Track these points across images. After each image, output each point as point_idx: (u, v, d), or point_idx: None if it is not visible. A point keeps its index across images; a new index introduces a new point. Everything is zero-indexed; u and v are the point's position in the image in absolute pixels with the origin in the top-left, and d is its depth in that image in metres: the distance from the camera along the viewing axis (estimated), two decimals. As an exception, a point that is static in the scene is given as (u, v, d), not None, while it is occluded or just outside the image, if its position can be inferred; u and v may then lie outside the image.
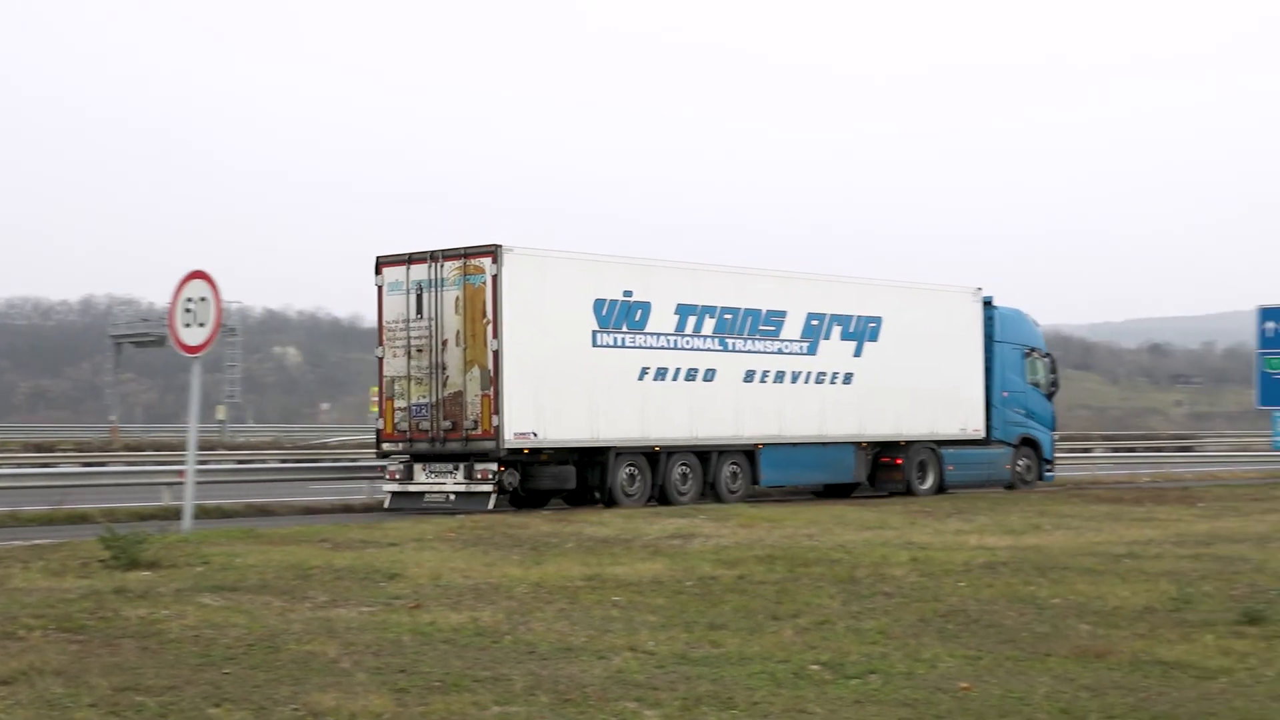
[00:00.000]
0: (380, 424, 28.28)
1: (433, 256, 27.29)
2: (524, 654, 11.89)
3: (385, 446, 28.11)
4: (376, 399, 28.81)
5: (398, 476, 27.62)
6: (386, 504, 28.02)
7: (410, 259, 27.56)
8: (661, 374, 28.73)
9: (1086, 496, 32.44)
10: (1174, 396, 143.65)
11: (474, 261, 26.69)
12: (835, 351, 31.28)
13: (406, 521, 24.23)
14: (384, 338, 28.14)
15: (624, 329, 28.21)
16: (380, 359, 28.26)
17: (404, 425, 27.63)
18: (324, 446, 51.91)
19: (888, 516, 25.98)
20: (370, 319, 32.04)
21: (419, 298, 27.39)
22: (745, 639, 12.59)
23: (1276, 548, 20.67)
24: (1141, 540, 21.72)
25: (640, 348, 28.43)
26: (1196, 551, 20.09)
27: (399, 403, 27.66)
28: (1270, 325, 40.23)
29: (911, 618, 13.91)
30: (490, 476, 26.39)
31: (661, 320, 28.76)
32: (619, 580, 16.47)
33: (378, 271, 28.31)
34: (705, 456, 29.42)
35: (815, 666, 11.37)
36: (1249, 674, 11.27)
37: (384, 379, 28.11)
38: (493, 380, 26.39)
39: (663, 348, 28.79)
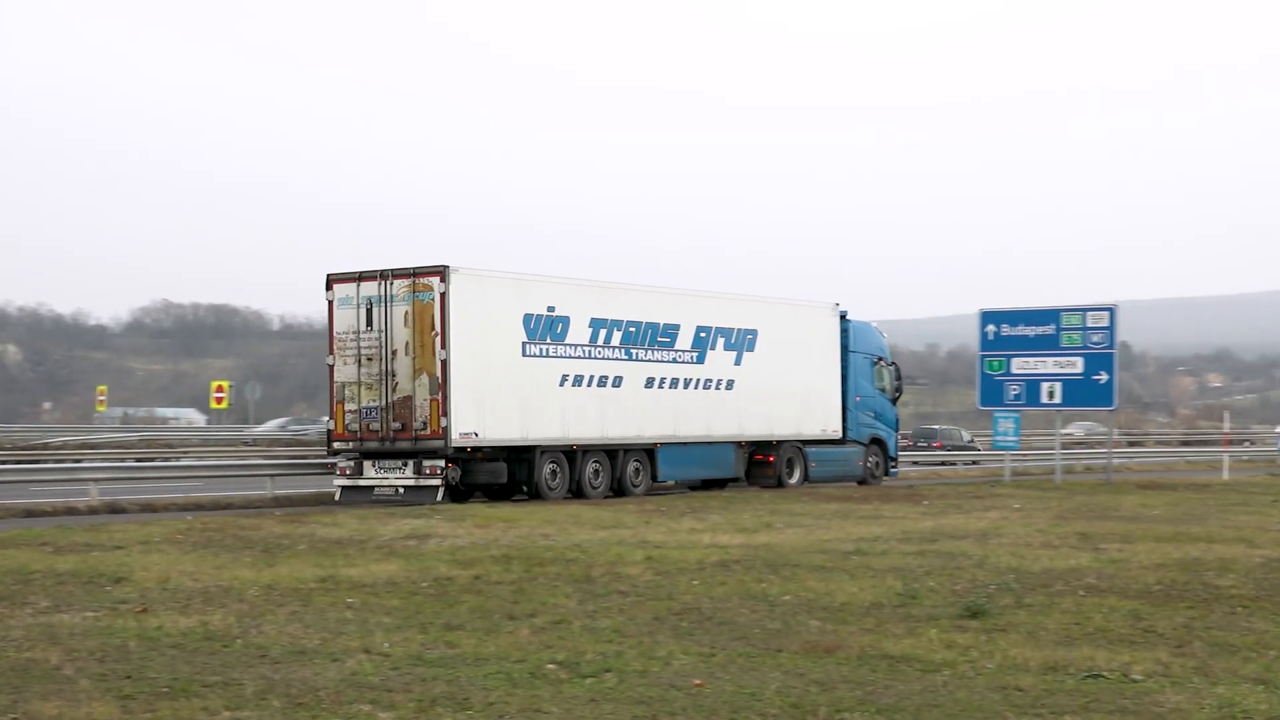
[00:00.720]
0: (331, 425, 30.55)
1: (382, 275, 29.72)
2: (255, 658, 11.66)
3: (336, 445, 30.39)
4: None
5: (348, 472, 30.02)
6: (338, 497, 30.16)
7: (360, 277, 30.01)
8: (578, 381, 31.56)
9: (817, 495, 33.10)
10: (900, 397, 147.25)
11: (423, 280, 29.25)
12: (720, 361, 34.60)
13: (133, 524, 23.61)
14: (334, 347, 30.30)
15: (548, 340, 30.99)
16: (331, 366, 30.37)
17: (354, 426, 29.89)
18: (46, 447, 50.08)
19: (623, 516, 26.14)
20: (100, 319, 31.55)
21: (369, 312, 29.76)
22: (481, 639, 12.54)
23: (997, 544, 21.37)
24: (869, 537, 22.25)
25: (561, 357, 31.25)
26: (921, 548, 20.65)
27: (349, 406, 29.93)
28: (991, 328, 41.51)
29: (646, 616, 14.02)
30: (439, 472, 29.07)
31: (578, 333, 31.61)
32: (353, 582, 16.28)
33: (328, 287, 30.37)
34: (614, 454, 32.38)
35: (551, 666, 11.38)
36: (970, 666, 11.63)
37: (334, 384, 30.28)
38: (441, 386, 28.87)
39: (579, 357, 31.62)
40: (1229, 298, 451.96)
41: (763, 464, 35.96)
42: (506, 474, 30.22)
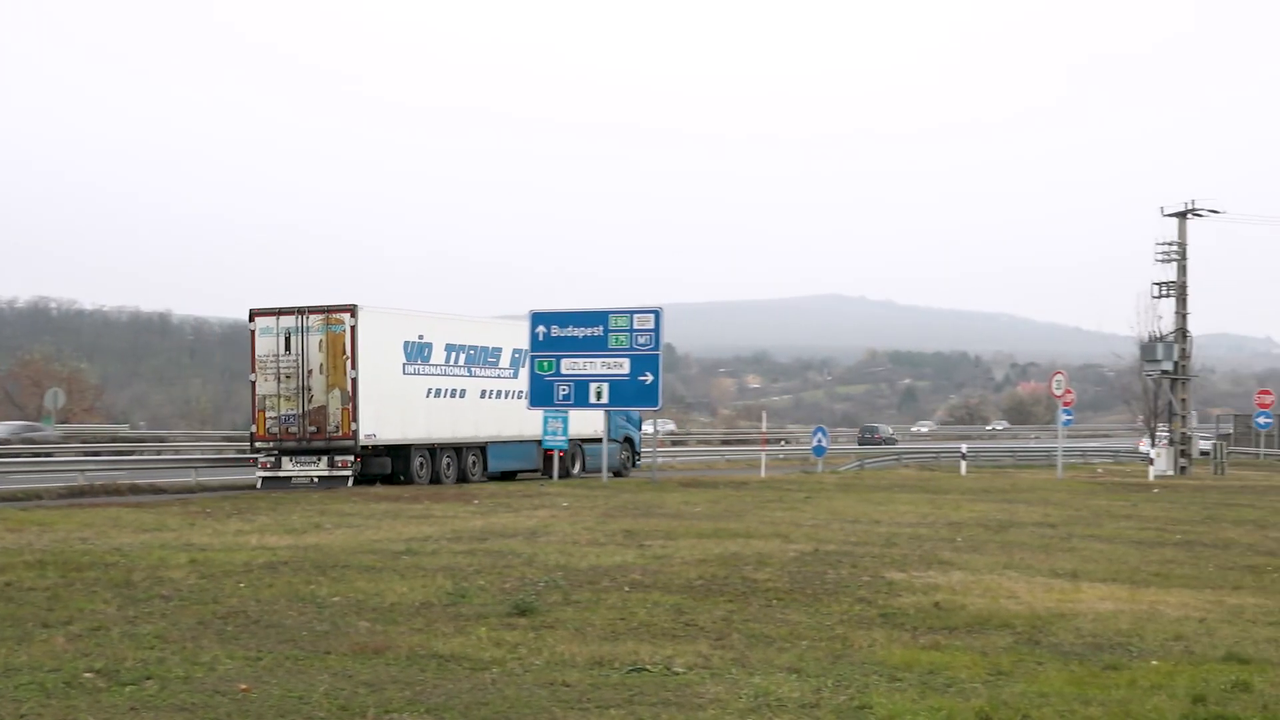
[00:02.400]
0: (253, 428, 37.59)
1: (299, 311, 37.09)
2: None
3: (258, 444, 37.43)
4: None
5: (269, 466, 37.11)
6: (258, 486, 36.79)
7: (280, 312, 37.23)
8: (438, 393, 39.73)
9: (368, 495, 32.91)
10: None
11: (335, 315, 36.73)
12: (528, 376, 41.83)
13: None
14: (256, 367, 37.34)
15: (418, 362, 39.12)
16: (253, 382, 37.53)
17: (275, 429, 37.00)
18: None
19: (166, 518, 25.39)
20: None
21: (287, 339, 36.87)
22: (12, 649, 11.93)
23: (546, 542, 21.68)
24: (420, 537, 22.24)
25: (427, 375, 39.38)
26: (471, 547, 20.77)
27: (270, 414, 37.00)
28: (542, 329, 42.02)
29: (190, 620, 13.62)
30: (349, 465, 36.52)
31: (438, 355, 39.85)
32: None
33: (251, 319, 37.59)
34: (459, 450, 40.23)
35: (89, 674, 10.92)
36: (519, 663, 11.75)
37: (255, 397, 37.45)
38: (351, 398, 36.46)
39: (438, 374, 39.82)
40: (766, 302, 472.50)
41: (554, 458, 42.12)
42: (390, 466, 37.70)
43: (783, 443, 72.76)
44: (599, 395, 41.78)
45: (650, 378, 41.60)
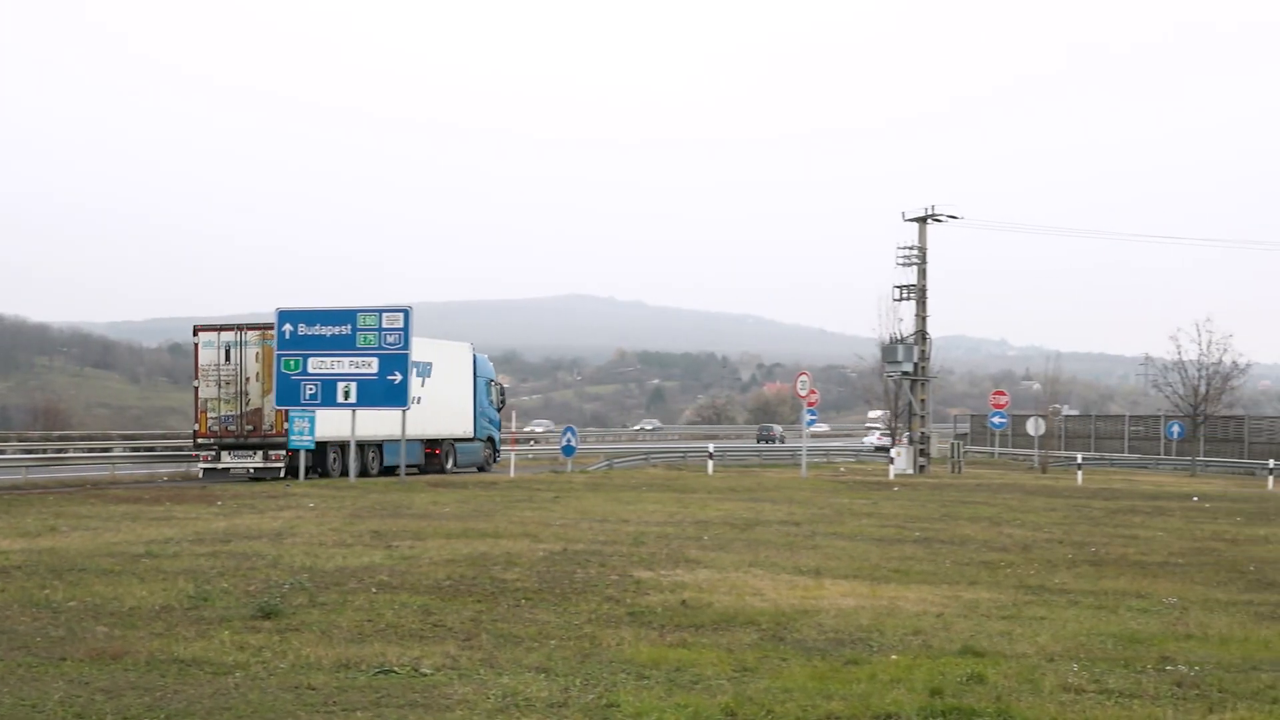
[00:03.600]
0: (196, 427, 42.87)
1: (239, 328, 43.19)
2: None
3: (200, 441, 42.70)
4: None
5: (209, 459, 42.16)
6: (200, 475, 42.55)
7: (221, 328, 43.41)
8: None
9: (106, 497, 32.05)
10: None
11: (269, 332, 41.99)
12: (415, 385, 44.32)
13: None
14: (199, 375, 42.78)
15: None
16: (196, 388, 42.94)
17: (215, 428, 42.38)
18: None
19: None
20: None
21: (227, 351, 42.62)
22: None
23: (291, 543, 21.35)
24: (160, 539, 21.71)
25: None
26: (215, 549, 20.35)
27: (211, 414, 42.41)
28: (289, 328, 41.38)
29: (-85, 628, 13.08)
30: (282, 458, 41.69)
31: None
32: None
33: (195, 334, 43.37)
34: (362, 448, 43.88)
35: None
36: (263, 667, 11.54)
37: (199, 400, 42.71)
38: None
39: None
40: (516, 302, 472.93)
41: (433, 455, 48.24)
42: (312, 459, 42.17)
43: (531, 442, 72.78)
44: (347, 395, 41.34)
45: (399, 377, 41.31)
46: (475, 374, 51.18)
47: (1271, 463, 57.32)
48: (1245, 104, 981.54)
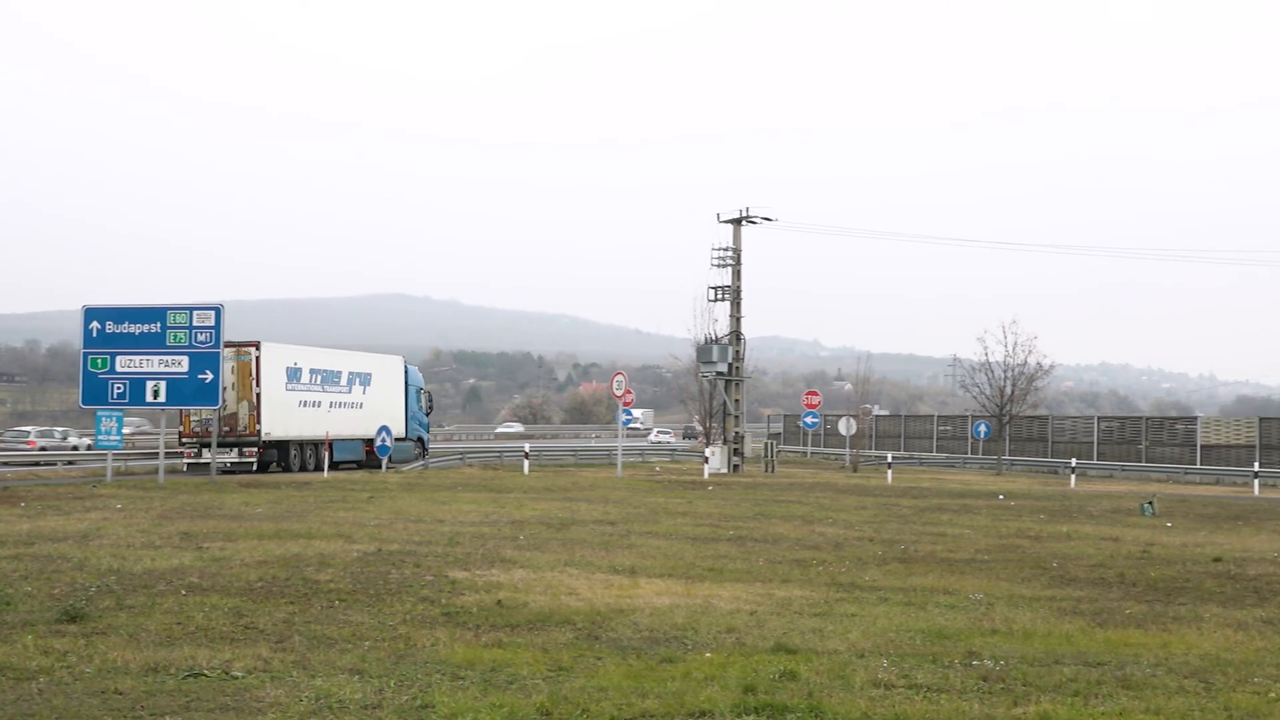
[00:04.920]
0: (181, 428, 48.57)
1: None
2: None
3: (184, 440, 48.39)
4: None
5: (193, 455, 47.93)
6: (185, 469, 47.59)
7: None
8: (305, 404, 50.91)
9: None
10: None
11: (244, 349, 48.05)
12: (358, 392, 54.59)
13: None
14: None
15: (294, 382, 50.27)
16: None
17: (198, 429, 47.64)
18: None
19: None
20: None
21: None
22: None
23: (98, 545, 20.91)
24: (-40, 542, 21.12)
25: (299, 391, 50.48)
26: (17, 552, 19.86)
27: (194, 418, 47.66)
28: (96, 325, 40.56)
29: None
30: (254, 454, 48.02)
31: (306, 376, 51.19)
32: None
33: None
34: (317, 446, 50.96)
35: None
36: (68, 672, 11.29)
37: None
38: (256, 408, 48.00)
39: (305, 391, 50.98)
40: (331, 300, 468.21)
41: (371, 452, 52.83)
42: (276, 456, 49.22)
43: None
44: (156, 394, 40.64)
45: (210, 376, 40.74)
46: (407, 383, 59.11)
47: (1074, 461, 59.07)
48: (1023, 97, 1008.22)
